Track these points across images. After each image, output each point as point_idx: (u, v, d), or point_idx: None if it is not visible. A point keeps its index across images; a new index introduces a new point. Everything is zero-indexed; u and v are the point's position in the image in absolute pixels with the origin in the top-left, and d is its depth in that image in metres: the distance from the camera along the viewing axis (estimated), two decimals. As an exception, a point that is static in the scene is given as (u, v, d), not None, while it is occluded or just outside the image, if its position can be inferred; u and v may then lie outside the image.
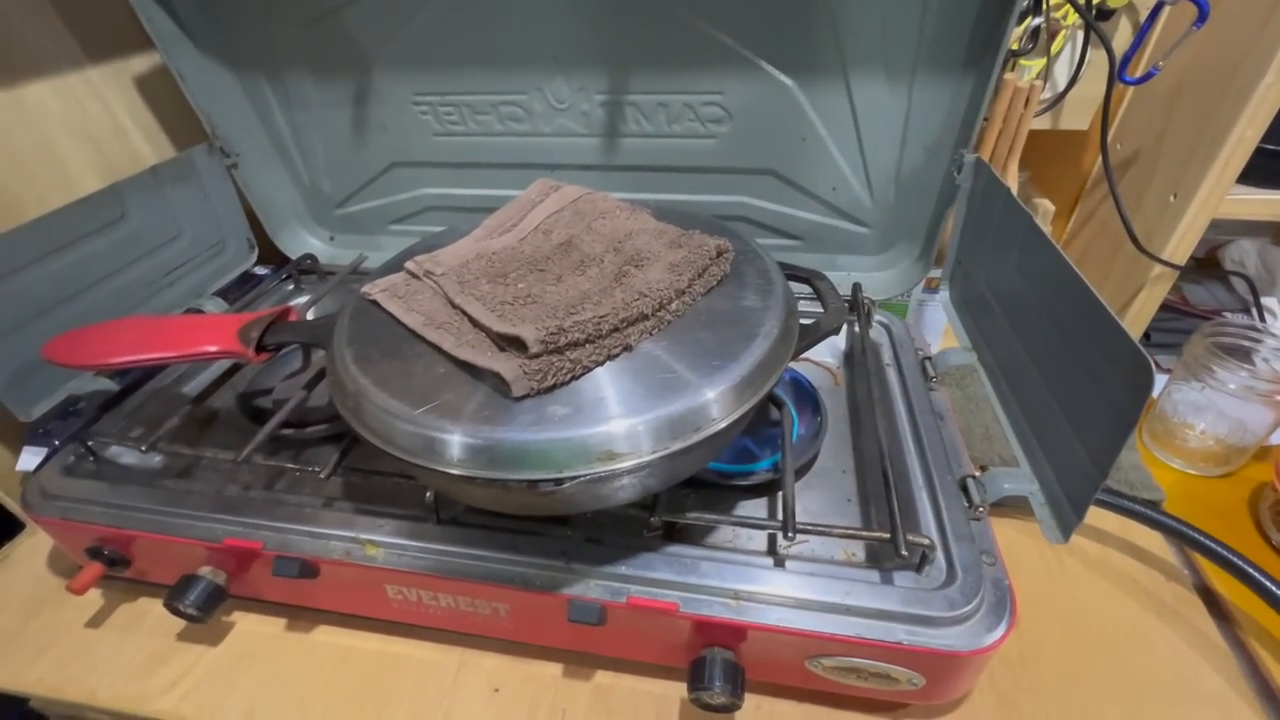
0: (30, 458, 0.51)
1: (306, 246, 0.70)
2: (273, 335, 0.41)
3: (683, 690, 0.39)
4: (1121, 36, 0.52)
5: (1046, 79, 0.52)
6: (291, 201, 0.68)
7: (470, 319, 0.35)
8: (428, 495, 0.38)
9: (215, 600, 0.41)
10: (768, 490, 0.45)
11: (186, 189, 0.58)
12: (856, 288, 0.56)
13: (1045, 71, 0.52)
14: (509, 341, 0.32)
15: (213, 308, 0.60)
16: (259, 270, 0.69)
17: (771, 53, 0.50)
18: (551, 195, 0.46)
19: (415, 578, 0.38)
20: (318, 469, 0.40)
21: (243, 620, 0.45)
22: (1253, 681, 0.40)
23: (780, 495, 0.44)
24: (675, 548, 0.38)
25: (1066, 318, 0.35)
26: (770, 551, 0.40)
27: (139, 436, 0.44)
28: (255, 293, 0.62)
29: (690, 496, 0.44)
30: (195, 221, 0.60)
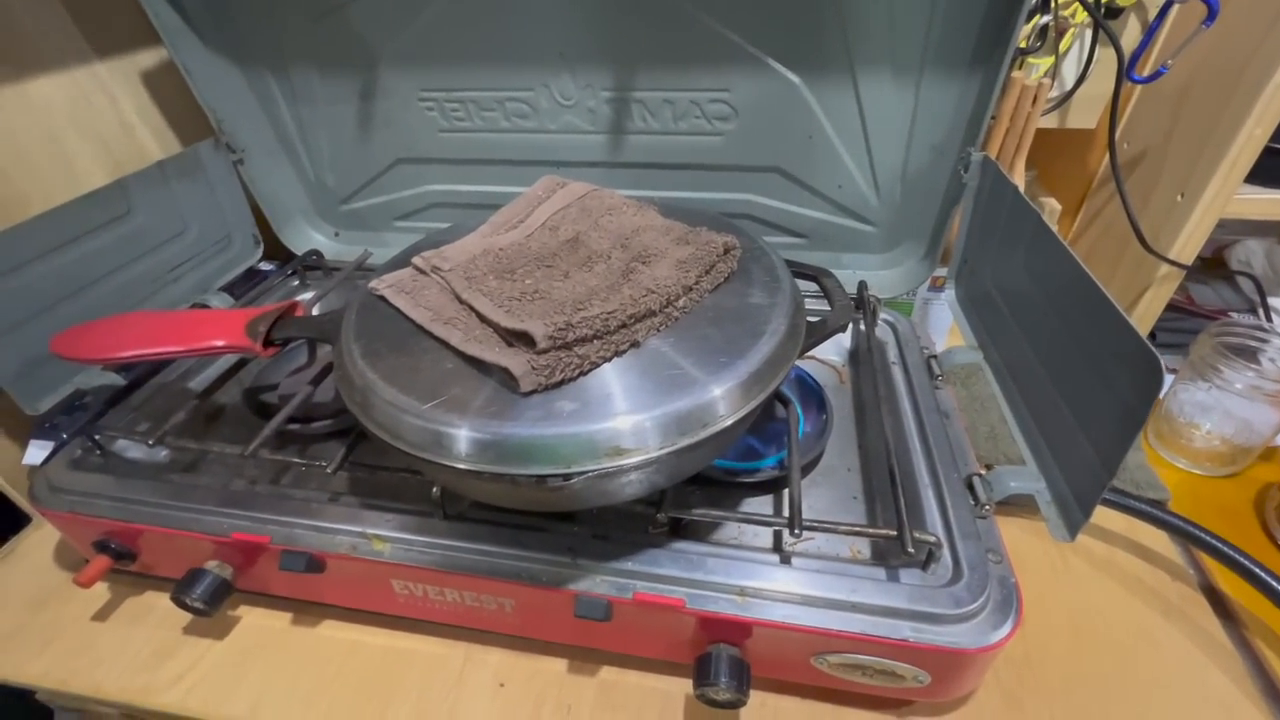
0: (37, 451, 0.51)
1: (311, 242, 0.70)
2: (280, 330, 0.41)
3: (687, 686, 0.40)
4: (1129, 35, 0.51)
5: (1054, 77, 0.52)
6: (296, 197, 0.68)
7: (478, 314, 0.35)
8: (434, 490, 0.38)
9: (222, 594, 0.41)
10: (773, 488, 0.45)
11: (192, 184, 0.58)
12: (862, 286, 0.56)
13: (1053, 70, 0.52)
14: (517, 337, 0.32)
15: (218, 303, 0.60)
16: (264, 266, 0.70)
17: (779, 50, 0.50)
18: (558, 192, 0.46)
19: (422, 573, 0.38)
20: (324, 464, 0.40)
21: (249, 614, 0.46)
22: (1258, 681, 0.40)
23: (785, 492, 0.45)
24: (681, 544, 0.38)
25: (1074, 316, 0.35)
26: (776, 548, 0.40)
27: (145, 430, 0.44)
28: (261, 288, 0.62)
29: (696, 493, 0.44)
30: (201, 217, 0.60)
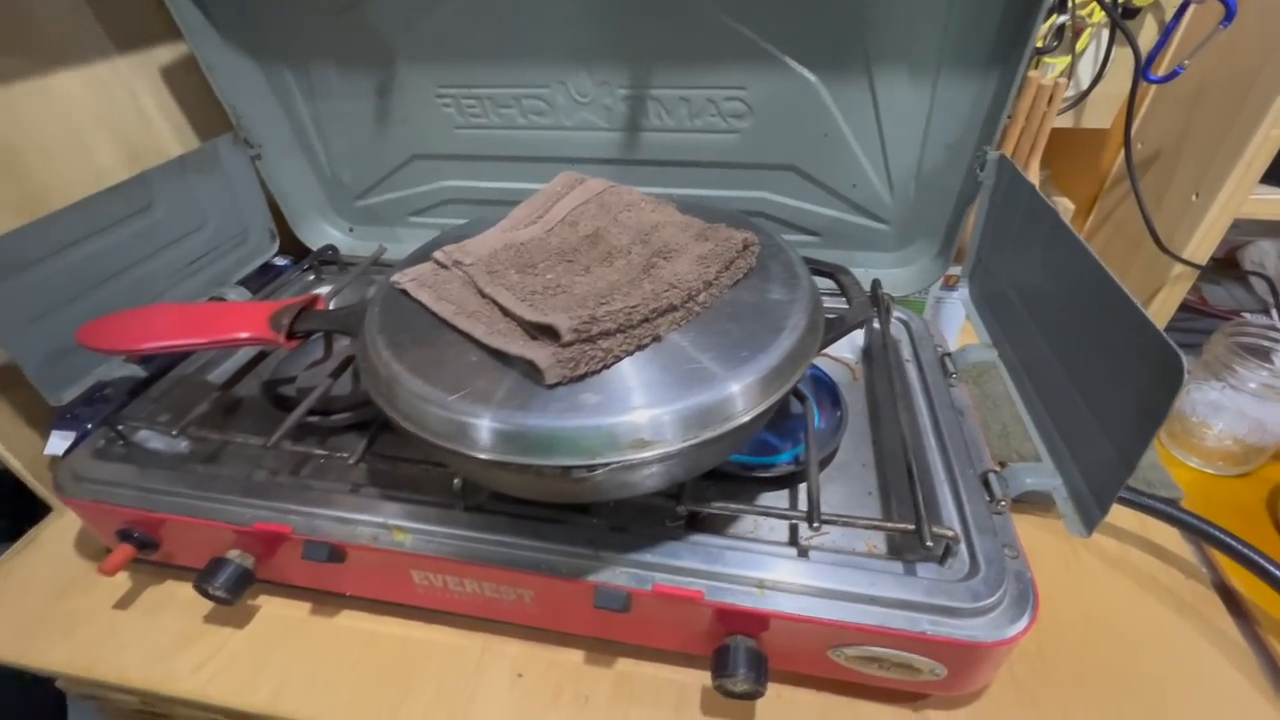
0: (59, 441, 0.51)
1: (326, 237, 0.71)
2: (303, 323, 0.41)
3: (703, 678, 0.40)
4: (1146, 35, 0.52)
5: (1070, 77, 0.52)
6: (312, 193, 0.69)
7: (500, 308, 0.36)
8: (455, 482, 0.39)
9: (243, 583, 0.42)
10: (788, 482, 0.45)
11: (211, 179, 0.59)
12: (876, 284, 0.56)
13: (1069, 70, 0.52)
14: (541, 330, 0.33)
15: (235, 296, 0.61)
16: (278, 261, 0.70)
17: (796, 48, 0.50)
18: (577, 188, 0.46)
19: (442, 563, 0.39)
20: (346, 455, 0.40)
21: (268, 604, 0.46)
22: (1271, 678, 0.40)
23: (801, 487, 0.45)
24: (699, 537, 0.38)
25: (1093, 314, 0.35)
26: (792, 542, 0.41)
27: (167, 421, 0.45)
28: (278, 283, 0.63)
29: (712, 488, 0.44)
30: (219, 211, 0.60)
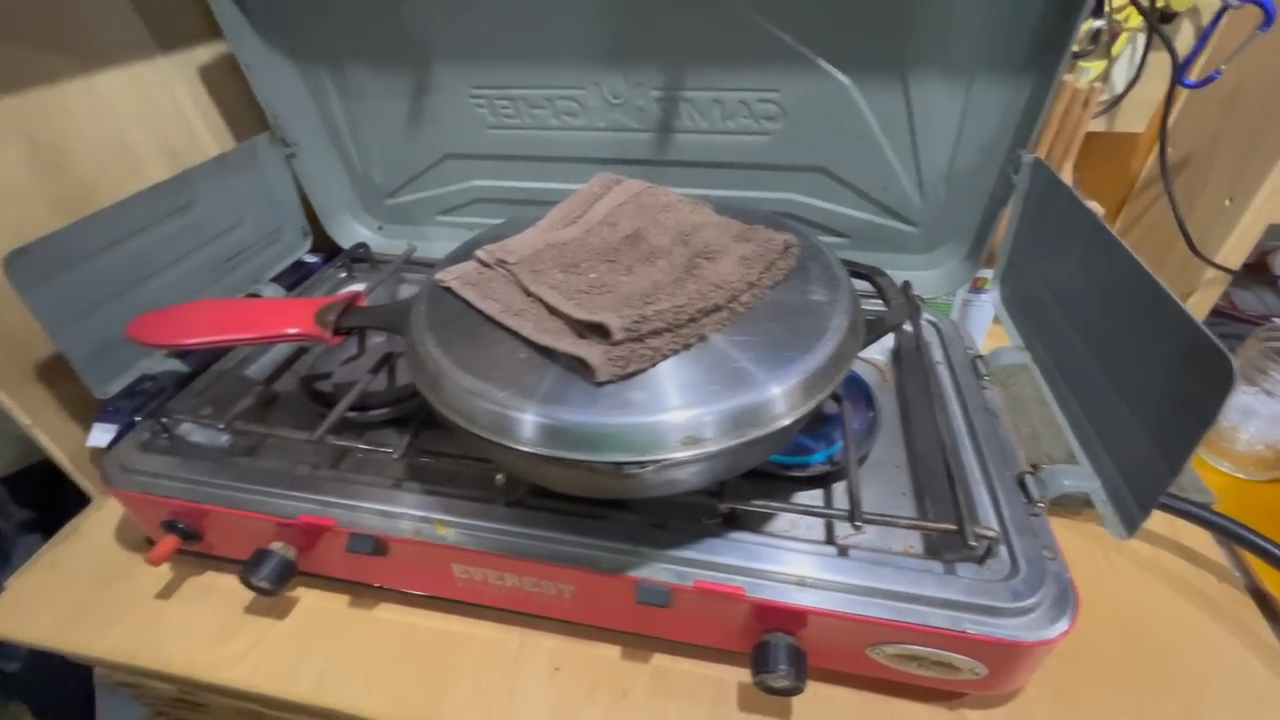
0: (101, 434, 0.52)
1: (356, 235, 0.71)
2: (348, 319, 0.42)
3: (739, 674, 0.41)
4: (1182, 40, 0.52)
5: (1105, 81, 0.53)
6: (343, 191, 0.70)
7: (547, 306, 0.36)
8: (498, 477, 0.39)
9: (287, 575, 0.42)
10: (822, 482, 0.46)
11: (249, 177, 0.60)
12: (907, 286, 0.56)
13: (1105, 73, 0.52)
14: (590, 329, 0.33)
15: (271, 293, 0.62)
16: (309, 258, 0.71)
17: (831, 51, 0.50)
18: (614, 189, 0.47)
19: (484, 557, 0.39)
20: (390, 450, 0.41)
21: (306, 596, 0.47)
22: (1307, 683, 0.40)
23: (835, 487, 0.46)
24: (736, 534, 0.39)
25: (1136, 318, 0.36)
26: (829, 541, 0.41)
27: (213, 415, 0.46)
28: (312, 280, 0.64)
29: (747, 485, 0.44)
30: (255, 209, 0.61)
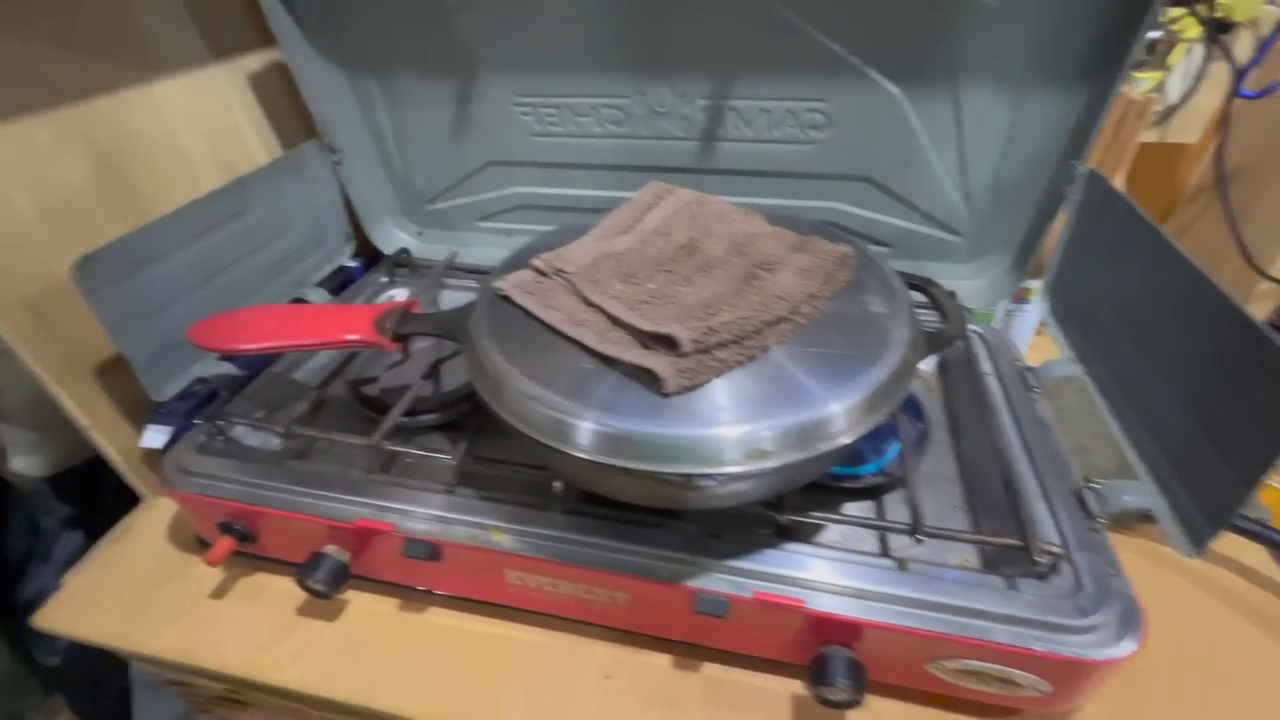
0: (155, 435, 0.53)
1: (396, 241, 0.72)
2: (405, 326, 0.42)
3: (793, 685, 0.40)
4: (1239, 50, 0.51)
5: (1161, 92, 0.52)
6: (385, 197, 0.71)
7: (608, 316, 0.37)
8: (555, 484, 0.40)
9: (341, 578, 0.43)
10: (873, 493, 0.45)
11: (298, 183, 0.61)
12: (952, 296, 0.56)
13: (1160, 84, 0.52)
14: (657, 340, 0.34)
15: (316, 297, 0.62)
16: (349, 263, 0.72)
17: (881, 62, 0.50)
18: (666, 198, 0.47)
19: (539, 564, 0.40)
20: (448, 456, 0.41)
21: (356, 599, 0.47)
22: (1373, 706, 0.40)
23: (888, 498, 0.45)
24: (792, 545, 0.39)
25: (1206, 334, 0.35)
26: (884, 553, 0.41)
27: (266, 419, 0.47)
28: (357, 285, 0.64)
29: (799, 496, 0.44)
30: (303, 215, 0.62)
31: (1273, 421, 0.30)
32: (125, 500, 0.56)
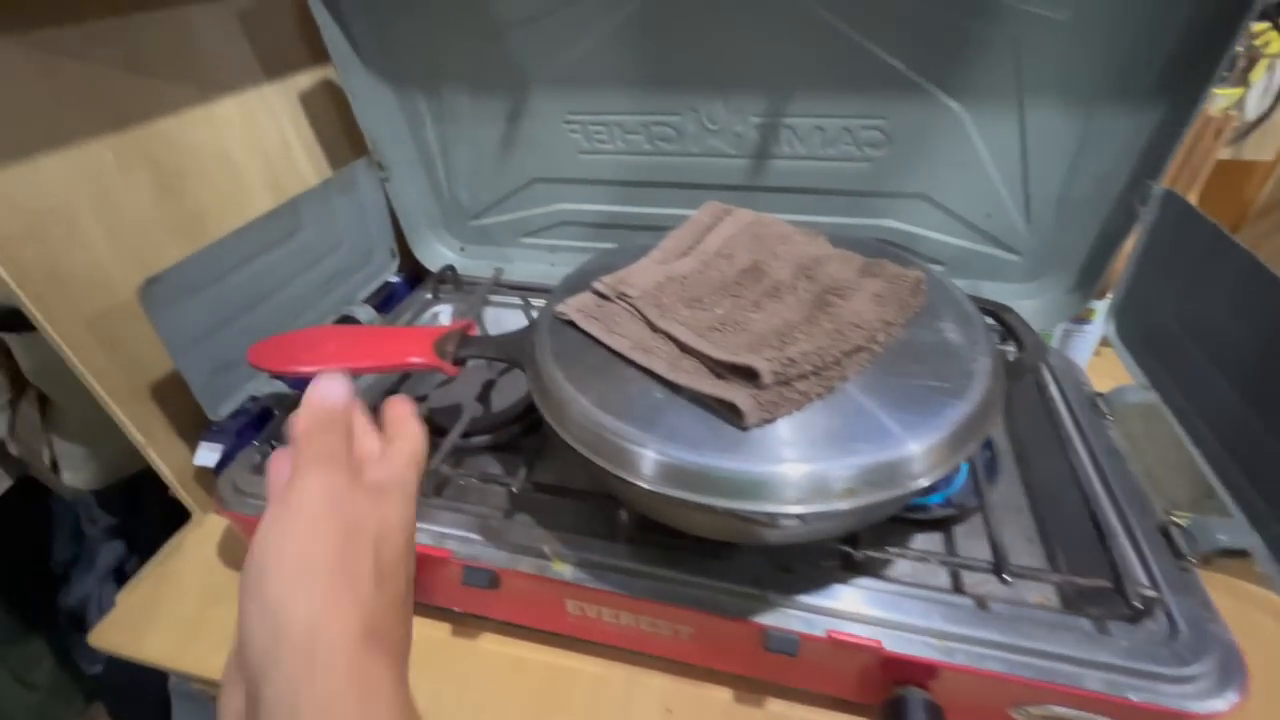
0: (207, 453, 0.53)
1: (440, 256, 0.72)
2: (465, 349, 0.42)
3: (861, 725, 0.39)
4: (1321, 64, 0.49)
5: (1240, 109, 0.50)
6: (430, 213, 0.71)
7: (677, 343, 0.36)
8: (621, 514, 0.39)
9: (397, 603, 0.42)
10: (941, 525, 0.44)
11: (348, 201, 0.61)
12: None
13: (1240, 101, 0.50)
14: (733, 371, 0.33)
15: (363, 314, 0.62)
16: (391, 278, 0.72)
17: (944, 78, 0.49)
18: (725, 219, 0.46)
19: (601, 595, 0.39)
20: (510, 482, 0.41)
21: (408, 623, 0.47)
22: None
23: (957, 530, 0.44)
24: (864, 580, 0.37)
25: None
26: (957, 589, 0.39)
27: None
28: (404, 303, 0.64)
29: (872, 530, 0.43)
30: (352, 232, 0.62)
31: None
32: (167, 511, 0.57)
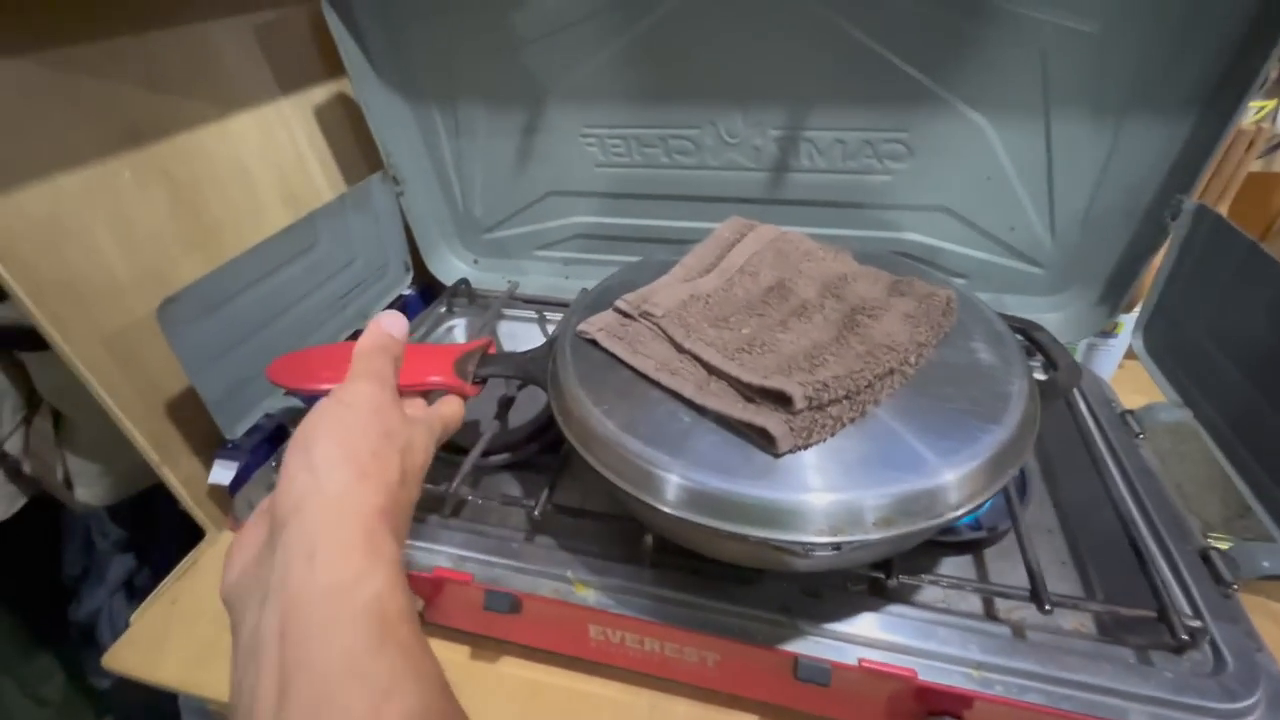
0: (222, 471, 0.53)
1: (454, 269, 0.72)
2: (484, 369, 0.41)
3: (892, 755, 0.38)
4: (1354, 75, 0.48)
5: (1272, 121, 0.49)
6: (443, 226, 0.70)
7: (705, 365, 0.35)
8: (646, 538, 0.38)
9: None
10: (969, 548, 0.43)
11: (363, 216, 0.61)
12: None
13: (1273, 114, 0.49)
14: (765, 395, 0.32)
15: (378, 329, 0.62)
16: (405, 291, 0.71)
17: (968, 91, 0.49)
18: (748, 235, 0.46)
19: (626, 620, 0.38)
20: (532, 504, 0.40)
21: (426, 645, 0.46)
22: None
23: (988, 553, 0.43)
24: (895, 607, 0.36)
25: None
26: (990, 615, 0.38)
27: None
28: (418, 318, 0.64)
29: (905, 557, 0.42)
30: (367, 246, 0.62)
31: None
32: (177, 526, 0.56)
